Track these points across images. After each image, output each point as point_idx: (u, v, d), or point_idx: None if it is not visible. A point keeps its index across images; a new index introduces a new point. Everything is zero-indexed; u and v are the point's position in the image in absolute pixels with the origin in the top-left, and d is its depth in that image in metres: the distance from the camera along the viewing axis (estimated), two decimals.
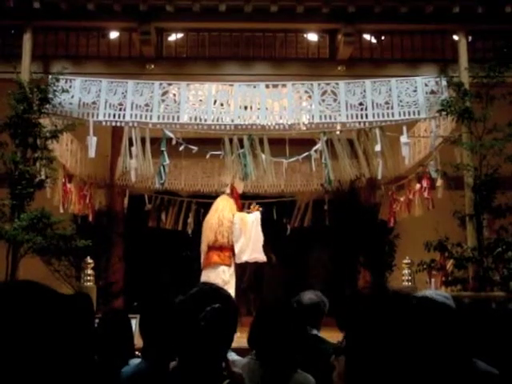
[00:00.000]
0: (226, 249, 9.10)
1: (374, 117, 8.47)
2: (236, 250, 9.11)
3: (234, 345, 2.36)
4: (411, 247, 9.36)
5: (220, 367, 2.22)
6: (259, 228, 9.25)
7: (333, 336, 3.87)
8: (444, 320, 1.04)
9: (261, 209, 9.56)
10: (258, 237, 9.21)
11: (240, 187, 9.75)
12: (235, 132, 8.79)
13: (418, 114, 8.51)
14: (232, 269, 9.16)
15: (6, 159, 7.90)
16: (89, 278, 9.08)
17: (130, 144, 8.76)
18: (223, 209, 9.29)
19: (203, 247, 9.16)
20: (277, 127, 8.63)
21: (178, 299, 2.34)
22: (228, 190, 9.64)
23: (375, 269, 10.67)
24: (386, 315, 1.05)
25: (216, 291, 2.27)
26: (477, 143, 8.06)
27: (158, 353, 3.02)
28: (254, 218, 9.31)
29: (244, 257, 9.16)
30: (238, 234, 9.12)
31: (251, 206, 9.79)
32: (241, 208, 9.84)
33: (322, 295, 4.49)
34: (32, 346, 1.11)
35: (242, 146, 8.75)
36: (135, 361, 3.30)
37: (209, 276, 8.75)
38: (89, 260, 9.07)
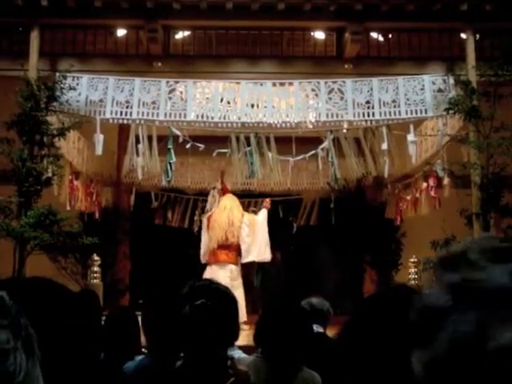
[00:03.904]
0: (234, 248, 9.17)
1: (380, 115, 8.45)
2: (243, 250, 9.18)
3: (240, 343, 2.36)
4: (418, 246, 9.35)
5: (225, 365, 2.22)
6: (266, 228, 9.33)
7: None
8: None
9: (268, 206, 9.64)
10: (265, 237, 9.31)
11: (227, 183, 9.86)
12: (242, 130, 8.80)
13: (425, 112, 8.49)
14: (239, 267, 9.23)
15: (13, 156, 7.91)
16: (95, 275, 9.13)
17: (137, 141, 8.79)
18: (232, 208, 9.35)
19: (212, 245, 9.18)
20: (283, 125, 8.62)
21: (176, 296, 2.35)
22: (219, 186, 9.71)
23: (381, 267, 10.66)
24: (390, 314, 1.04)
25: (209, 287, 2.27)
26: (484, 142, 8.03)
27: (162, 349, 3.02)
28: (262, 218, 9.40)
29: (251, 257, 9.27)
30: (247, 234, 9.19)
31: (265, 201, 9.85)
32: None
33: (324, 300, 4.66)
34: (40, 341, 1.11)
35: (248, 144, 8.75)
36: (141, 357, 3.31)
37: (215, 273, 8.77)
38: (95, 257, 9.11)
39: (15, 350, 0.68)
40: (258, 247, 9.27)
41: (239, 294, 8.74)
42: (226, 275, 8.84)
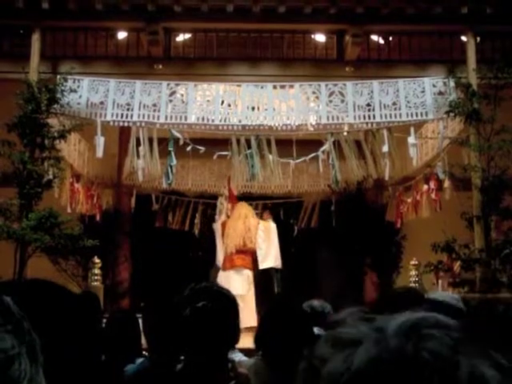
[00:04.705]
0: (250, 253, 9.39)
1: (381, 118, 8.45)
2: (259, 257, 9.46)
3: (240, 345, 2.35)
4: (418, 248, 9.34)
5: (226, 368, 2.22)
6: (277, 236, 9.68)
7: None
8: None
9: (270, 215, 10.11)
10: (277, 244, 9.65)
11: (234, 189, 10.18)
12: (242, 132, 8.80)
13: (426, 115, 8.49)
14: (253, 273, 9.44)
15: (14, 159, 7.92)
16: (96, 277, 9.14)
17: (138, 144, 8.79)
18: (247, 215, 9.65)
19: (229, 250, 9.34)
20: (284, 128, 8.63)
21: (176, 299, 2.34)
22: (226, 193, 9.89)
23: (382, 270, 10.65)
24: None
25: (210, 289, 2.27)
26: (485, 144, 8.04)
27: (162, 352, 3.02)
28: (274, 226, 9.77)
29: (268, 263, 9.58)
30: (262, 240, 9.46)
31: (264, 214, 10.15)
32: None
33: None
34: (41, 344, 1.12)
35: (249, 147, 8.76)
36: (141, 360, 3.30)
37: (231, 278, 9.06)
38: (96, 260, 9.12)
39: (19, 356, 0.68)
40: (274, 253, 9.59)
41: (251, 299, 8.94)
42: (243, 280, 9.08)
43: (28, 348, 0.71)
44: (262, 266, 9.52)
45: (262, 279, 9.87)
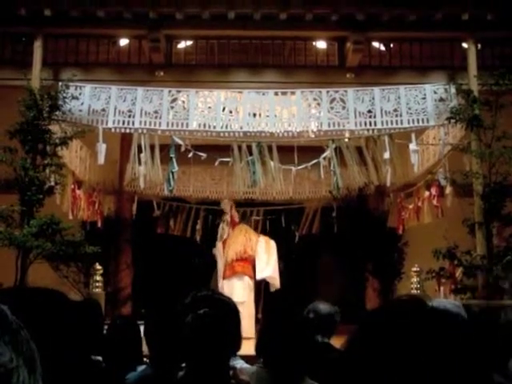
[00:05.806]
0: (250, 261, 9.66)
1: (382, 124, 8.46)
2: (258, 266, 9.65)
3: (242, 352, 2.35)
4: (420, 255, 9.33)
5: (227, 375, 2.22)
6: (276, 254, 9.96)
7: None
8: (461, 332, 1.01)
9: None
10: (276, 261, 9.88)
11: (236, 215, 10.49)
12: (244, 139, 8.81)
13: (427, 121, 8.49)
14: (253, 282, 9.53)
15: (15, 165, 7.93)
16: (97, 284, 9.13)
17: (139, 151, 8.80)
18: (247, 232, 10.08)
19: (230, 258, 9.63)
20: (285, 134, 8.63)
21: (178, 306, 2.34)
22: (228, 218, 10.10)
23: (384, 276, 10.63)
24: (397, 325, 1.02)
25: (212, 297, 2.27)
26: (486, 151, 8.03)
27: (164, 359, 3.02)
28: (274, 243, 10.04)
29: (266, 272, 9.73)
30: (263, 250, 9.71)
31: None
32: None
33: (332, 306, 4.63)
34: (42, 351, 1.11)
35: (250, 153, 8.76)
36: (143, 367, 3.30)
37: (233, 285, 9.32)
38: (97, 266, 9.11)
39: (18, 368, 0.68)
40: (273, 266, 9.79)
41: (251, 306, 9.02)
42: (244, 287, 9.25)
43: (26, 358, 0.70)
44: (261, 275, 9.61)
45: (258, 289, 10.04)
